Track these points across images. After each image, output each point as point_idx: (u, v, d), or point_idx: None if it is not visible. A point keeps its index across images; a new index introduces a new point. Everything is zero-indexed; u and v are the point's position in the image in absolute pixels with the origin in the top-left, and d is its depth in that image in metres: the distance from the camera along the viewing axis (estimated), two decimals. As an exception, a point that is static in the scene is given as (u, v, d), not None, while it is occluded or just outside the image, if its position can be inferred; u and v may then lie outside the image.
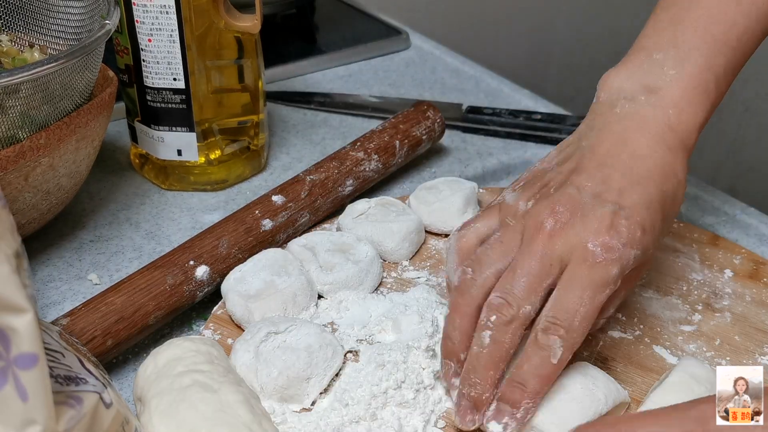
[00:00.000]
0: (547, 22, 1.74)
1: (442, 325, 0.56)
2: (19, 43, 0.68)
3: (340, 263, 0.59)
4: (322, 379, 0.50)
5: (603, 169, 0.50)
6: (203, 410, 0.45)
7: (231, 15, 0.68)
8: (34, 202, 0.60)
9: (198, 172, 0.72)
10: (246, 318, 0.55)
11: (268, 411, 0.49)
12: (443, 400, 0.51)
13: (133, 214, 0.70)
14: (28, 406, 0.34)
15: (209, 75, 0.68)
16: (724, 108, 1.82)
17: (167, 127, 0.69)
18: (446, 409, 0.51)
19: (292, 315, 0.56)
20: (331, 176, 0.67)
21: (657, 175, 0.50)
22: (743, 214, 0.71)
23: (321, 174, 0.67)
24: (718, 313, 0.58)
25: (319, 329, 0.52)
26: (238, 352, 0.51)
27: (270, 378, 0.49)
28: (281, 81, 0.93)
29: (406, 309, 0.56)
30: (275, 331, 0.51)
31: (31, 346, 0.35)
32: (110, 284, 0.57)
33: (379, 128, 0.73)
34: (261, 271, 0.57)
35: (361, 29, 1.05)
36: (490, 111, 0.84)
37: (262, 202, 0.63)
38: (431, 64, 0.99)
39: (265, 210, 0.63)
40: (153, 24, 0.65)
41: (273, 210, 0.63)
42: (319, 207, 0.66)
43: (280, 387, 0.49)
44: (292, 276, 0.57)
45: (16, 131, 0.56)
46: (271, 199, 0.64)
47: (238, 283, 0.57)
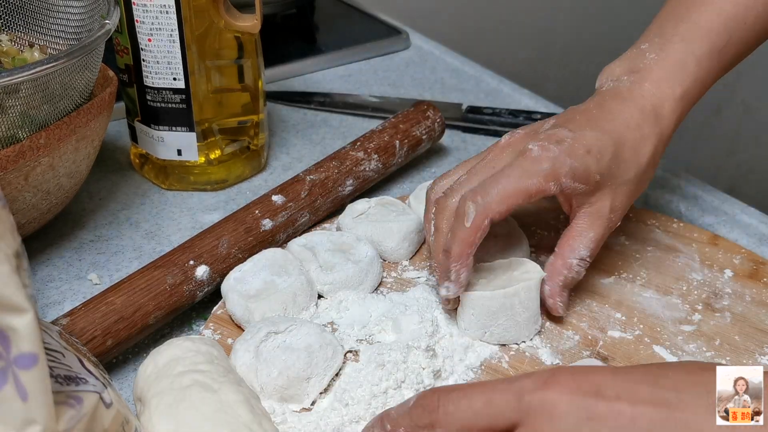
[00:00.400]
0: (547, 22, 1.74)
1: (442, 325, 0.56)
2: (19, 43, 0.68)
3: (340, 263, 0.59)
4: (322, 379, 0.50)
5: (571, 113, 0.57)
6: (203, 410, 0.45)
7: (231, 15, 0.68)
8: (34, 202, 0.60)
9: (198, 172, 0.72)
10: (246, 318, 0.55)
11: (268, 411, 0.49)
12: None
13: (133, 213, 0.70)
14: (28, 405, 0.34)
15: (209, 75, 0.69)
16: (724, 108, 1.83)
17: (167, 127, 0.69)
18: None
19: (292, 315, 0.56)
20: (331, 176, 0.67)
21: (619, 125, 0.56)
22: (743, 214, 0.71)
23: (321, 174, 0.67)
24: (718, 313, 0.58)
25: (319, 329, 0.52)
26: (238, 352, 0.51)
27: (270, 378, 0.49)
28: (281, 81, 0.93)
29: (406, 309, 0.56)
30: (275, 331, 0.51)
31: (31, 346, 0.35)
32: (110, 284, 0.57)
33: (379, 128, 0.73)
34: (261, 271, 0.57)
35: (361, 29, 1.05)
36: (490, 111, 0.84)
37: (262, 202, 0.63)
38: (431, 64, 0.99)
39: (265, 210, 0.63)
40: (153, 24, 0.65)
41: (273, 210, 0.63)
42: (319, 207, 0.66)
43: (280, 387, 0.49)
44: (292, 276, 0.57)
45: (16, 131, 0.56)
46: (271, 199, 0.64)
47: (238, 283, 0.57)
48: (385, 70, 0.97)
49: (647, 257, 0.63)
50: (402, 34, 1.03)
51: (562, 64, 1.78)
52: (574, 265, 0.55)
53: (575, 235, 0.56)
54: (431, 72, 0.97)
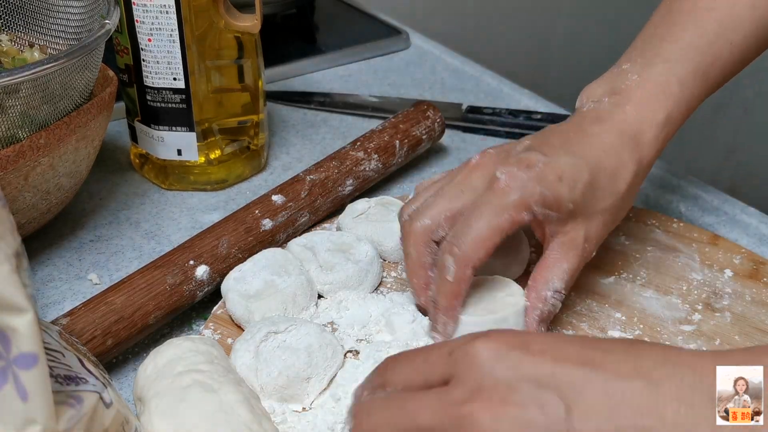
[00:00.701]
0: (547, 22, 1.74)
1: None
2: (19, 43, 0.68)
3: (340, 263, 0.59)
4: (322, 378, 0.50)
5: (547, 134, 0.55)
6: (203, 410, 0.45)
7: (231, 15, 0.68)
8: (34, 202, 0.60)
9: (198, 172, 0.72)
10: (246, 318, 0.55)
11: (268, 411, 0.49)
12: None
13: (133, 213, 0.70)
14: (28, 405, 0.35)
15: (209, 75, 0.69)
16: (724, 108, 1.83)
17: (167, 127, 0.69)
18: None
19: (293, 315, 0.56)
20: (331, 176, 0.67)
21: (596, 150, 0.53)
22: (743, 214, 0.71)
23: (321, 174, 0.67)
24: (718, 313, 0.58)
25: (319, 329, 0.52)
26: (238, 352, 0.51)
27: (270, 378, 0.49)
28: (281, 81, 0.93)
29: (402, 309, 0.56)
30: (275, 330, 0.51)
31: (31, 345, 0.35)
32: (110, 284, 0.57)
33: (379, 128, 0.73)
34: (261, 271, 0.57)
35: (361, 29, 1.05)
36: (490, 111, 0.84)
37: (262, 202, 0.63)
38: (431, 64, 0.99)
39: (265, 210, 0.63)
40: (153, 24, 0.65)
41: (273, 210, 0.63)
42: (319, 207, 0.66)
43: (280, 387, 0.49)
44: (292, 276, 0.57)
45: (16, 131, 0.56)
46: (271, 199, 0.64)
47: (238, 282, 0.57)
48: (385, 70, 0.97)
49: (647, 257, 0.63)
50: (402, 34, 1.03)
51: (562, 64, 1.78)
52: (549, 298, 0.52)
53: (549, 266, 0.53)
54: (431, 72, 0.97)
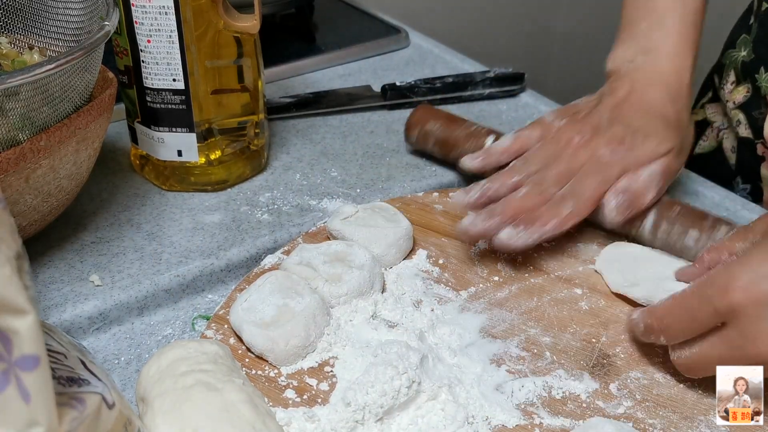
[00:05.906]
0: (547, 22, 1.74)
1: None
2: (19, 46, 0.68)
3: (345, 272, 0.58)
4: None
5: (620, 105, 0.66)
6: (207, 410, 0.45)
7: (230, 15, 0.68)
8: (34, 204, 0.60)
9: (198, 173, 0.72)
10: (270, 348, 0.53)
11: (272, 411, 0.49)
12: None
13: (134, 215, 0.70)
14: (31, 407, 0.35)
15: (209, 75, 0.69)
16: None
17: (167, 128, 0.69)
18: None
19: (314, 336, 0.54)
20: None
21: (659, 105, 0.65)
22: (744, 210, 0.71)
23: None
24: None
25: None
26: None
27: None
28: (281, 81, 0.93)
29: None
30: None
31: (32, 347, 0.35)
32: (112, 285, 0.57)
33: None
34: (269, 297, 0.55)
35: (360, 28, 1.05)
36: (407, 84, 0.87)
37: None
38: (431, 63, 0.99)
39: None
40: (152, 25, 0.65)
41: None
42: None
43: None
44: (305, 296, 0.55)
45: (17, 133, 0.57)
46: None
47: (248, 313, 0.54)
48: (384, 69, 0.97)
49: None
50: (401, 33, 1.03)
51: (562, 63, 1.78)
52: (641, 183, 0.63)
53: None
54: (431, 70, 0.97)
